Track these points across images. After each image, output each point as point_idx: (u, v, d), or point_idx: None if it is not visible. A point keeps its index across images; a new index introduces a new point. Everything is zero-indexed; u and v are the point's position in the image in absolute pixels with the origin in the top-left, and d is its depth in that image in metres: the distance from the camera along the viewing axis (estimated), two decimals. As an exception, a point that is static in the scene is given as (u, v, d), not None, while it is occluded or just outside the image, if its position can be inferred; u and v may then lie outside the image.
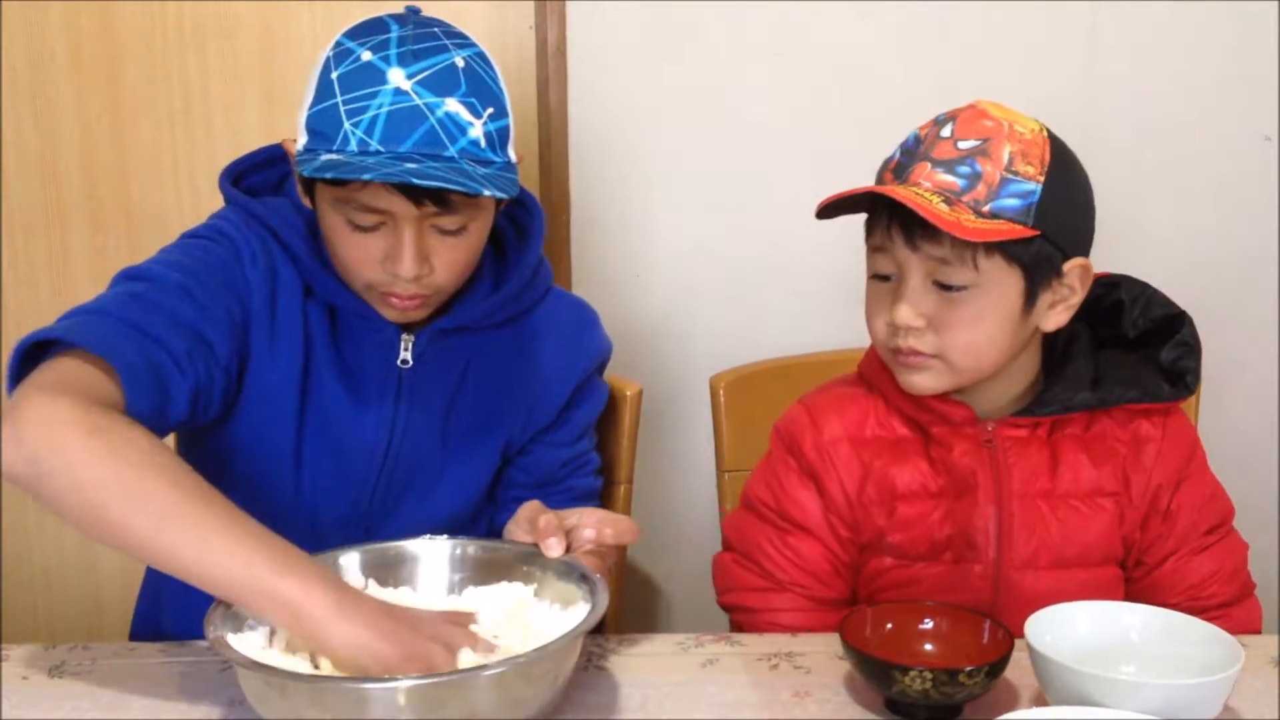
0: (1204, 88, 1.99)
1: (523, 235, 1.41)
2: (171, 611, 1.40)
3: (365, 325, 1.32)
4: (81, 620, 2.13)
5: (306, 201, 1.29)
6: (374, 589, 1.17)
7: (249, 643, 1.05)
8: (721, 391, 1.71)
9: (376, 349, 1.34)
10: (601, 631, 1.48)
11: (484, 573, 1.20)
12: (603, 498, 1.55)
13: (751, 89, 1.96)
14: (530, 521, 1.20)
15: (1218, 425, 1.56)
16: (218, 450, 1.33)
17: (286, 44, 1.97)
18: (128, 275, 1.25)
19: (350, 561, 1.18)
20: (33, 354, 1.14)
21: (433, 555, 1.21)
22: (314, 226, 1.30)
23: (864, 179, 1.30)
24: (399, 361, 1.34)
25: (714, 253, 2.01)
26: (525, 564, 1.19)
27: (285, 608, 1.00)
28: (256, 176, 1.38)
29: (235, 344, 1.26)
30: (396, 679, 0.96)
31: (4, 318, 2.02)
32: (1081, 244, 1.27)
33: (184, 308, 1.21)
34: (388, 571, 1.19)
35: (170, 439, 1.62)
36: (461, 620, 1.08)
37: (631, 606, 2.09)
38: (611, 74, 1.95)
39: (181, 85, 1.98)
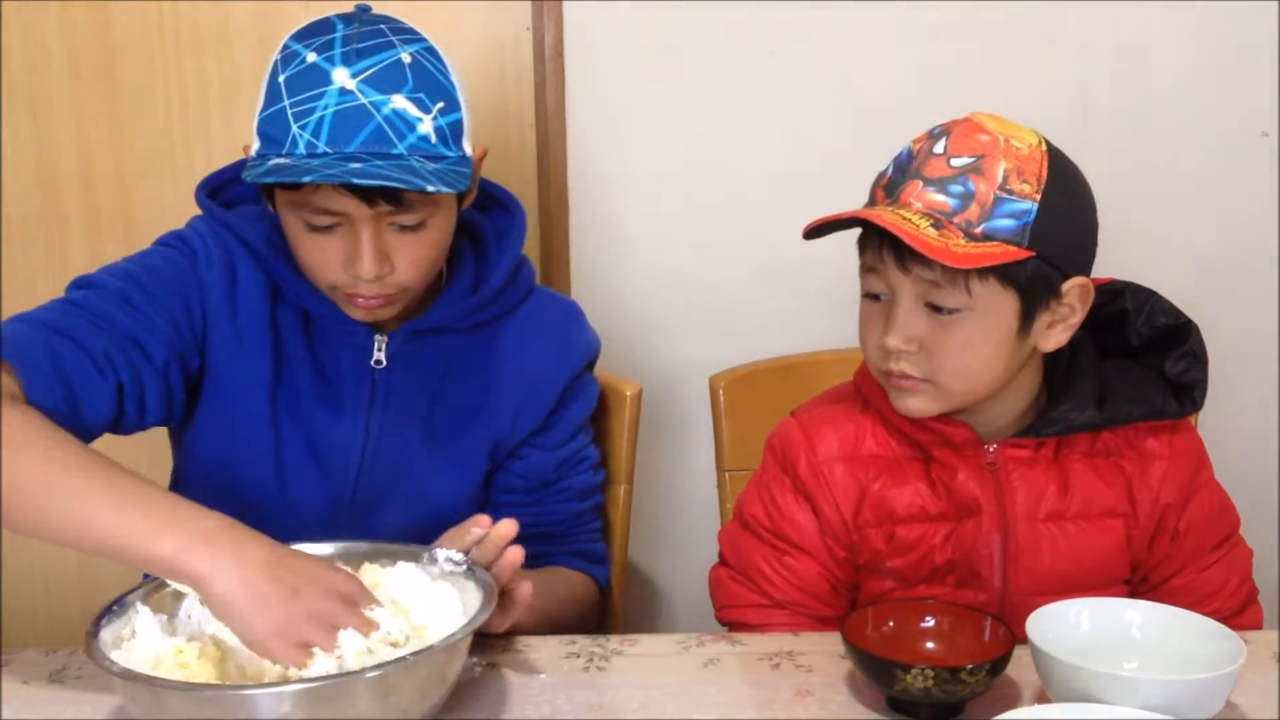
0: (1200, 84, 1.98)
1: (503, 237, 1.41)
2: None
3: (338, 327, 1.33)
4: (82, 625, 2.12)
5: (271, 207, 1.30)
6: None
7: (143, 645, 1.05)
8: (721, 391, 1.70)
9: (350, 351, 1.35)
10: (603, 631, 1.48)
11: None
12: (604, 498, 1.55)
13: (750, 89, 1.96)
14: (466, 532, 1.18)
15: (1218, 424, 1.56)
16: (201, 455, 1.35)
17: (283, 47, 1.96)
18: (75, 284, 1.28)
19: None
20: None
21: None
22: (283, 231, 1.30)
23: (862, 180, 1.29)
24: (373, 362, 1.35)
25: (712, 252, 2.01)
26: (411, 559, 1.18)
27: (168, 573, 1.02)
28: (234, 190, 1.38)
29: (179, 349, 1.28)
30: (266, 686, 0.97)
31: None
32: (1081, 263, 1.23)
33: (118, 313, 1.23)
34: None
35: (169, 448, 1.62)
36: (354, 593, 1.06)
37: (632, 606, 2.08)
38: (609, 75, 1.95)
39: (179, 89, 1.98)
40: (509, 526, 1.17)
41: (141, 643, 1.05)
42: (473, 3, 1.97)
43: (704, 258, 2.01)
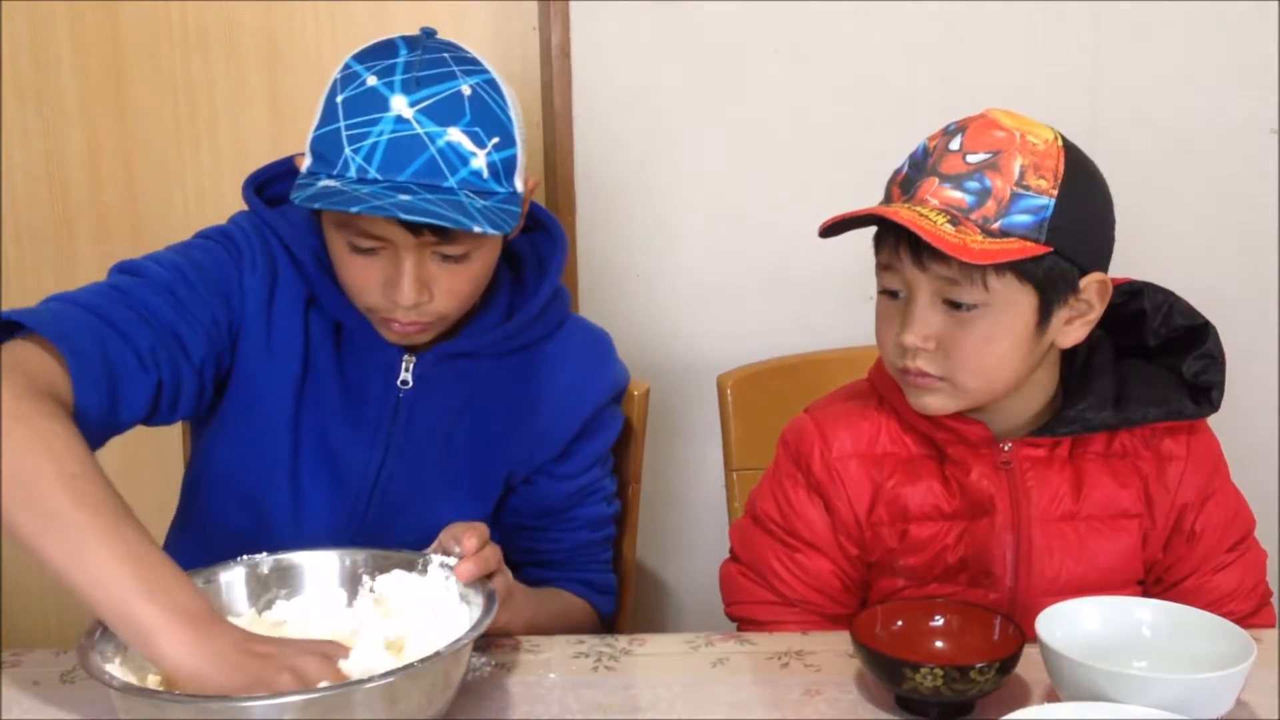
0: (1208, 81, 1.98)
1: (543, 263, 1.39)
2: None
3: (369, 344, 1.33)
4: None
5: (317, 220, 1.30)
6: (260, 618, 1.15)
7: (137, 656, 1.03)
8: (729, 390, 1.70)
9: (377, 368, 1.34)
10: (612, 631, 1.48)
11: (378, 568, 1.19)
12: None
13: (757, 88, 1.96)
14: (457, 541, 1.17)
15: (1225, 423, 1.55)
16: (217, 458, 1.34)
17: (290, 48, 1.97)
18: (121, 268, 1.27)
19: (235, 578, 1.17)
20: (5, 333, 1.15)
21: (320, 566, 1.19)
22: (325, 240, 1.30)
23: (869, 178, 1.29)
24: (398, 382, 1.34)
25: (721, 251, 2.01)
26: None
27: (138, 634, 0.99)
28: (282, 185, 1.37)
29: (216, 348, 1.27)
30: (268, 697, 0.94)
31: (11, 324, 2.02)
32: (1099, 258, 1.23)
33: (162, 306, 1.23)
34: (279, 582, 1.18)
35: (179, 448, 1.62)
36: (329, 652, 1.03)
37: (641, 606, 2.09)
38: (615, 74, 1.95)
39: (186, 89, 1.98)
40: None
41: (136, 654, 1.03)
42: (479, 2, 1.97)
43: (712, 256, 2.01)
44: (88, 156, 2.00)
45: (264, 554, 1.18)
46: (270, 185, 1.38)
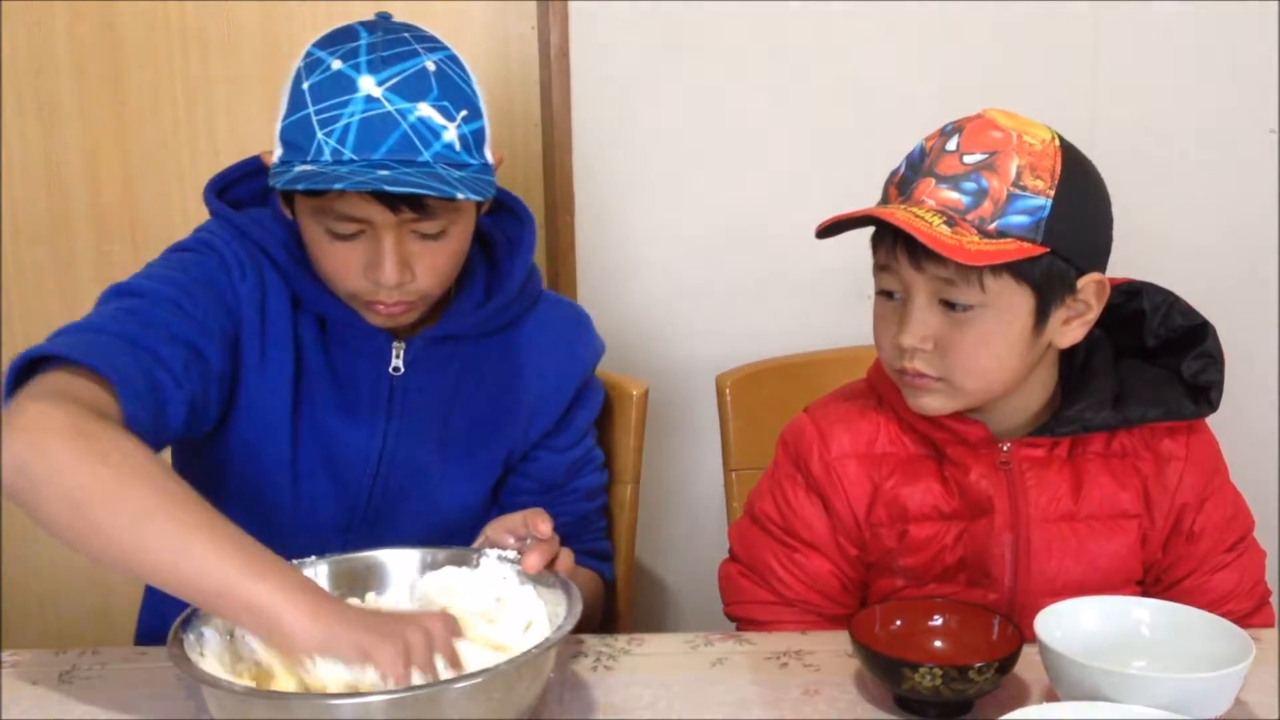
0: (1207, 81, 1.98)
1: (515, 245, 1.41)
2: (176, 615, 1.40)
3: (356, 334, 1.33)
4: (90, 625, 2.13)
5: (288, 213, 1.29)
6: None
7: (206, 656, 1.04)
8: (728, 390, 1.70)
9: (368, 357, 1.34)
10: (610, 630, 1.48)
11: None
12: (610, 498, 1.55)
13: (755, 88, 1.96)
14: (512, 533, 1.19)
15: (1223, 422, 1.56)
16: (215, 463, 1.34)
17: (289, 48, 1.97)
18: (119, 291, 1.25)
19: (317, 574, 1.16)
20: (29, 370, 1.13)
21: (401, 563, 1.20)
22: (298, 237, 1.30)
23: (867, 178, 1.29)
24: (390, 369, 1.34)
25: (719, 251, 2.01)
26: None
27: (258, 614, 0.98)
28: (241, 188, 1.37)
29: (228, 355, 1.27)
30: (360, 695, 0.94)
31: (9, 324, 2.02)
32: (1097, 258, 1.23)
33: (177, 322, 1.22)
34: (355, 580, 1.18)
35: (165, 453, 1.62)
36: (445, 622, 1.05)
37: (640, 605, 2.09)
38: (614, 74, 1.95)
39: (184, 90, 1.98)
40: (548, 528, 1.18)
41: (221, 653, 1.05)
42: (477, 2, 1.97)
43: (711, 257, 2.01)
44: (86, 157, 2.00)
45: (312, 556, 1.17)
46: (232, 188, 1.37)
